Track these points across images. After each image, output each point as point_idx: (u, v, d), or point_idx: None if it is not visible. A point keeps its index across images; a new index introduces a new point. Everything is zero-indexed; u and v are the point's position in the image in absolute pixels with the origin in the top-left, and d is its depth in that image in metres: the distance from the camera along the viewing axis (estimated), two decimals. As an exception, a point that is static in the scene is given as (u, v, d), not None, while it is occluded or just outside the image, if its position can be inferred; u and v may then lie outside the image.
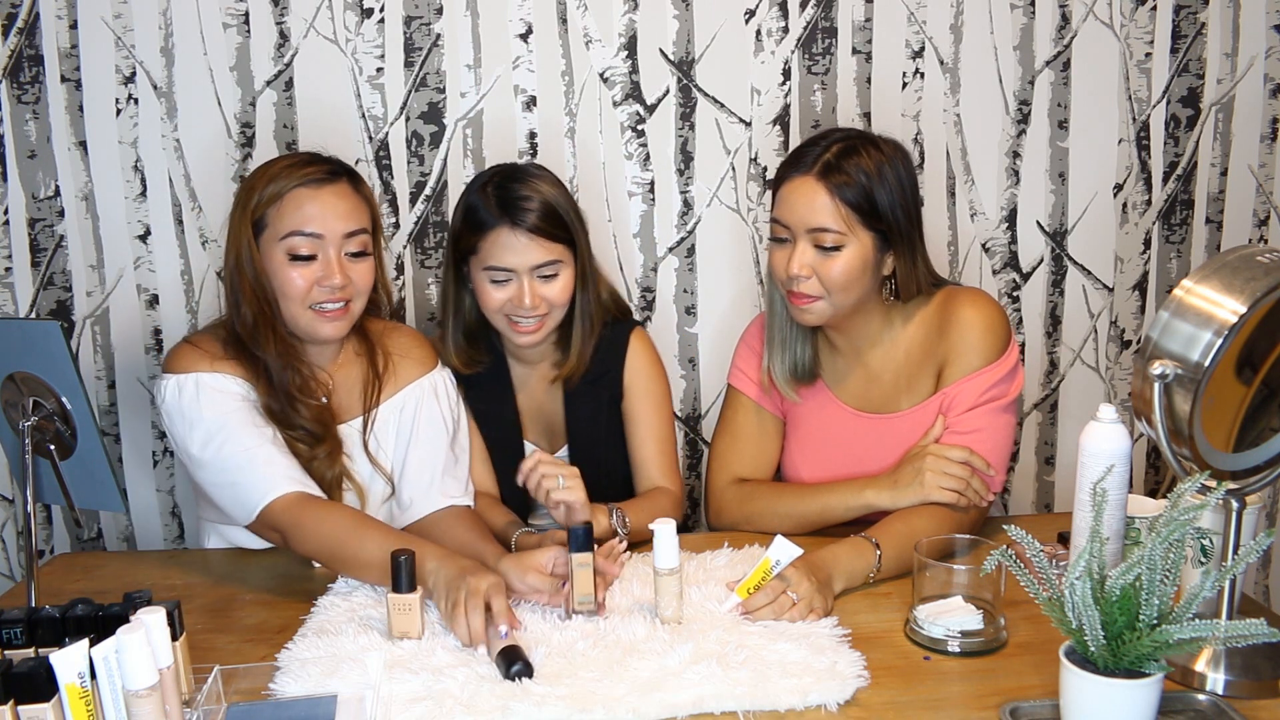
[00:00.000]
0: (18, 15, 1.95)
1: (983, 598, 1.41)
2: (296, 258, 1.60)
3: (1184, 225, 2.27)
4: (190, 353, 1.63)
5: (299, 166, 1.62)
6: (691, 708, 1.24)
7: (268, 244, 1.61)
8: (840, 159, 1.59)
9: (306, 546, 1.53)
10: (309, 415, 1.63)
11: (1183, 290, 1.27)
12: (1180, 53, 2.19)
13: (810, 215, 1.60)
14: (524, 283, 1.69)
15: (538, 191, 1.69)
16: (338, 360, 1.73)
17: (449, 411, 1.76)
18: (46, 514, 2.13)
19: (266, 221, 1.61)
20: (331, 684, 1.29)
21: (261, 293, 1.62)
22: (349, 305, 1.64)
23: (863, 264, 1.61)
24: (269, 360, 1.61)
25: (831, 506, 1.69)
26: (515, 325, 1.72)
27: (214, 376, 1.60)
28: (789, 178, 1.63)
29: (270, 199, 1.60)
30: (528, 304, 1.69)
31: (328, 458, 1.64)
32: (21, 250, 2.03)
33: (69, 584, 1.64)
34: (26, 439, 1.45)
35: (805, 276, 1.61)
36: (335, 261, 1.61)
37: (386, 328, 1.80)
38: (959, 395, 1.67)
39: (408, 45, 2.03)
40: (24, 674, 1.10)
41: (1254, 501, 1.35)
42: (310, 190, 1.60)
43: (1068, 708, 1.16)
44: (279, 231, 1.60)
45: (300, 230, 1.59)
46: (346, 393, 1.73)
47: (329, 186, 1.62)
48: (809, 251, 1.61)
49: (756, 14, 2.08)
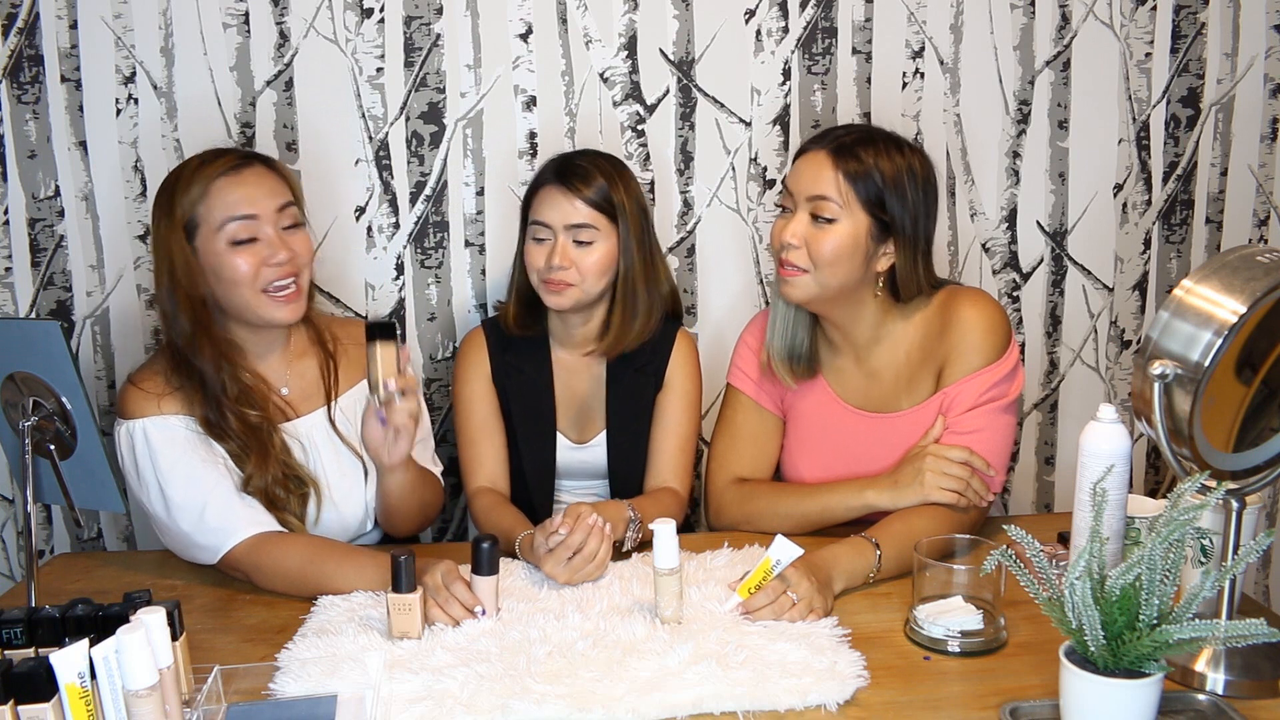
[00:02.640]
0: (18, 15, 1.95)
1: (983, 598, 1.41)
2: (237, 243, 1.61)
3: (1184, 225, 2.27)
4: (135, 396, 1.63)
5: (209, 162, 1.64)
6: (691, 708, 1.24)
7: (205, 241, 1.62)
8: (856, 144, 1.63)
9: (273, 585, 1.57)
10: (238, 427, 1.63)
11: (1183, 290, 1.27)
12: (1180, 53, 2.19)
13: (813, 184, 1.62)
14: (559, 240, 1.78)
15: (597, 167, 1.81)
16: (289, 351, 1.75)
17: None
18: (46, 514, 2.13)
19: (198, 221, 1.62)
20: (331, 684, 1.29)
21: (198, 299, 1.62)
22: (298, 281, 1.66)
23: (853, 243, 1.62)
24: (205, 370, 1.62)
25: (831, 507, 1.70)
26: (547, 284, 1.79)
27: (161, 421, 1.61)
28: (805, 151, 1.67)
29: (196, 199, 1.61)
30: (556, 261, 1.77)
31: (258, 469, 1.64)
32: (21, 250, 2.03)
33: (69, 584, 1.64)
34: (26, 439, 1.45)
35: (795, 245, 1.63)
36: (275, 237, 1.63)
37: (335, 319, 1.87)
38: (959, 395, 1.67)
39: (408, 45, 2.03)
40: (24, 674, 1.10)
41: (1254, 501, 1.35)
42: (231, 177, 1.62)
43: (1068, 708, 1.16)
44: (214, 224, 1.61)
45: (234, 214, 1.61)
46: (305, 385, 1.75)
47: (246, 170, 1.64)
48: (805, 221, 1.63)
49: (756, 14, 2.08)
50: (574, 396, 1.91)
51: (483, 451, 1.87)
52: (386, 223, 2.09)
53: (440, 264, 2.12)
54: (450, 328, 2.15)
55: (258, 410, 1.65)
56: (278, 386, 1.73)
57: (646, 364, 1.88)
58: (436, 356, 2.15)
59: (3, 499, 2.11)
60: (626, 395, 1.89)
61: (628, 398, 1.89)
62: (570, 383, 1.91)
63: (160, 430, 1.61)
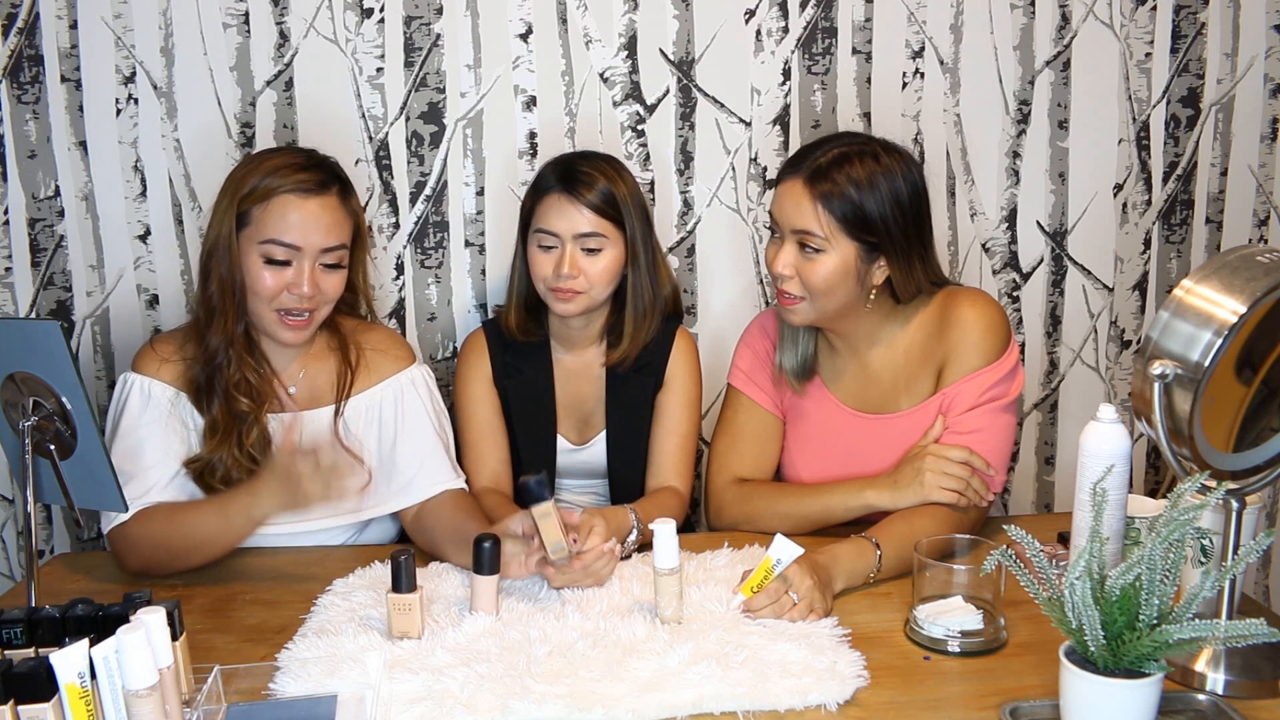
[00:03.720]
0: (18, 15, 1.95)
1: (983, 598, 1.41)
2: (271, 261, 1.63)
3: (1184, 225, 2.27)
4: (145, 353, 1.71)
5: (293, 170, 1.64)
6: (691, 708, 1.24)
7: (247, 240, 1.64)
8: (831, 167, 1.59)
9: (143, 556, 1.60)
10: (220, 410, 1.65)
11: (1183, 290, 1.27)
12: (1180, 53, 2.19)
13: (795, 218, 1.62)
14: (566, 249, 1.77)
15: (600, 171, 1.80)
16: (307, 354, 1.76)
17: (430, 403, 1.80)
18: (46, 514, 2.13)
19: (250, 219, 1.64)
20: (331, 684, 1.29)
21: (230, 280, 1.65)
22: (314, 315, 1.68)
23: (843, 272, 1.62)
24: (213, 344, 1.65)
25: (832, 507, 1.70)
26: (555, 292, 1.78)
27: (148, 383, 1.67)
28: (783, 178, 1.66)
29: (259, 196, 1.62)
30: (565, 270, 1.76)
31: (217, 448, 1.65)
32: (21, 250, 2.03)
33: (69, 584, 1.64)
34: (26, 439, 1.45)
35: (788, 276, 1.64)
36: (308, 272, 1.64)
37: (362, 325, 1.85)
38: (959, 395, 1.67)
39: (408, 45, 2.03)
40: (24, 674, 1.10)
41: (1254, 501, 1.35)
42: (298, 199, 1.63)
43: (1068, 708, 1.16)
44: (259, 234, 1.63)
45: (279, 239, 1.62)
46: (316, 386, 1.76)
47: (316, 198, 1.64)
48: (793, 252, 1.63)
49: (756, 14, 2.08)
50: (574, 398, 1.91)
51: (485, 453, 1.87)
52: (386, 223, 2.09)
53: (440, 264, 2.12)
54: (450, 328, 2.15)
55: (250, 400, 1.67)
56: (286, 382, 1.74)
57: (646, 364, 1.88)
58: (436, 356, 2.15)
59: (3, 499, 2.11)
60: (626, 396, 1.88)
61: (627, 398, 1.89)
62: (570, 384, 1.91)
63: (140, 392, 1.66)
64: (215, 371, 1.66)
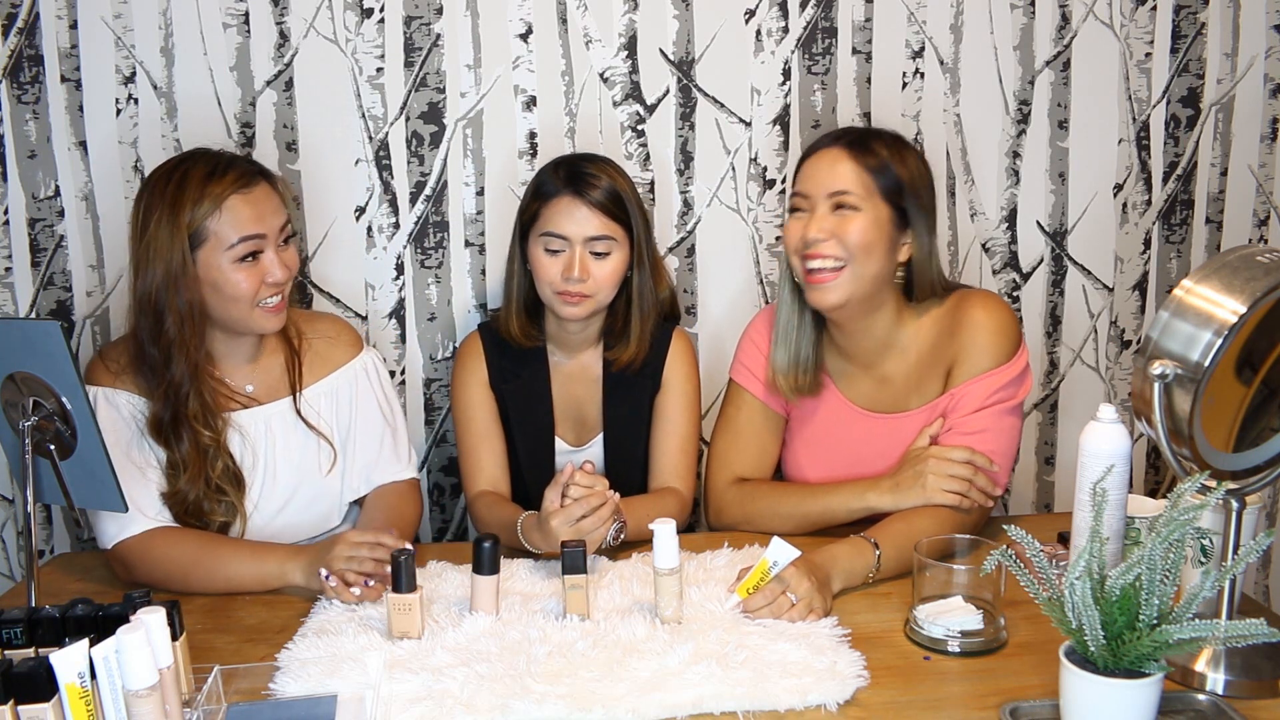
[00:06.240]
0: (18, 15, 1.95)
1: (983, 598, 1.41)
2: (244, 259, 1.62)
3: (1184, 225, 2.27)
4: (96, 366, 1.69)
5: (218, 176, 1.62)
6: (691, 708, 1.24)
7: (210, 254, 1.61)
8: (865, 138, 1.67)
9: (157, 577, 1.59)
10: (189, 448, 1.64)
11: (1183, 290, 1.27)
12: (1180, 53, 2.19)
13: (832, 180, 1.63)
14: (576, 252, 1.76)
15: (605, 173, 1.80)
16: (259, 352, 1.76)
17: (381, 391, 1.83)
18: (46, 514, 2.13)
19: (207, 234, 1.61)
20: (331, 684, 1.29)
21: (190, 308, 1.61)
22: (284, 294, 1.69)
23: (879, 230, 1.63)
24: (176, 376, 1.62)
25: (833, 508, 1.70)
26: (563, 296, 1.78)
27: (110, 394, 1.65)
28: (814, 151, 1.69)
29: (207, 213, 1.60)
30: (576, 274, 1.75)
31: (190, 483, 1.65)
32: (21, 250, 2.03)
33: (69, 584, 1.64)
34: (26, 439, 1.45)
35: (823, 238, 1.63)
36: (276, 256, 1.65)
37: (305, 315, 1.87)
38: (966, 396, 1.67)
39: (408, 45, 2.03)
40: (24, 674, 1.10)
41: (1254, 501, 1.35)
42: (243, 195, 1.63)
43: (1068, 708, 1.16)
44: (223, 242, 1.61)
45: (247, 234, 1.62)
46: (271, 380, 1.76)
47: (255, 187, 1.65)
48: (828, 215, 1.64)
49: (756, 14, 2.08)
50: (571, 400, 1.91)
51: (483, 456, 1.87)
52: (386, 223, 2.09)
53: (440, 264, 2.12)
54: (450, 328, 2.15)
55: (211, 431, 1.66)
56: (242, 387, 1.74)
57: (643, 365, 1.88)
58: (436, 356, 2.15)
59: (3, 499, 2.11)
60: (623, 397, 1.88)
61: (624, 400, 1.88)
62: (567, 386, 1.91)
63: (104, 402, 1.65)
64: (180, 405, 1.63)
